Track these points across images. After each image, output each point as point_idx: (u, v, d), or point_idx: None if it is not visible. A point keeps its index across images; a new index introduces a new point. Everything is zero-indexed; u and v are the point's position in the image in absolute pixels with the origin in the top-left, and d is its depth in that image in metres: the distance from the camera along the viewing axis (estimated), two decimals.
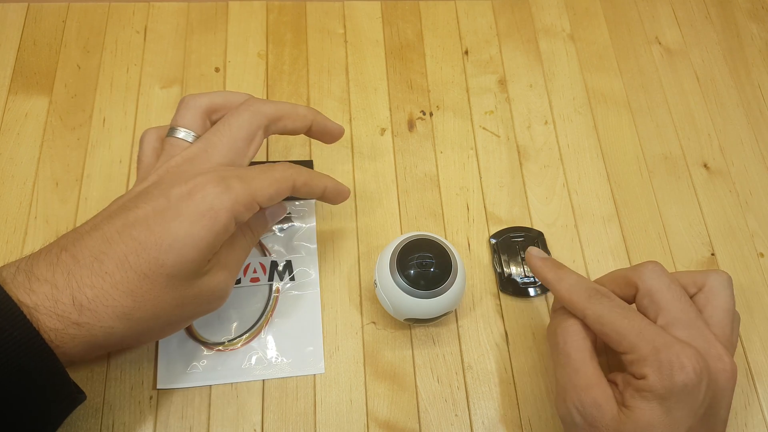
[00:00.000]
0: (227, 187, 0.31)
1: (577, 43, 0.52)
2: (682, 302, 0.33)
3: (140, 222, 0.30)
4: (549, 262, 0.37)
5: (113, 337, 0.30)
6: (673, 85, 0.51)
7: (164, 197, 0.31)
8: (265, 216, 0.37)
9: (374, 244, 0.43)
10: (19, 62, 0.47)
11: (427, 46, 0.51)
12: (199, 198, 0.31)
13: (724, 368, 0.31)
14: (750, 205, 0.47)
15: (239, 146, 0.34)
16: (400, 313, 0.38)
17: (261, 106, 0.35)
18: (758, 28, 0.54)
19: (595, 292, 0.34)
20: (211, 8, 0.51)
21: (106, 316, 0.29)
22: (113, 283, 0.29)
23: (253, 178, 0.33)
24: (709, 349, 0.32)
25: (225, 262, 0.33)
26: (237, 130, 0.34)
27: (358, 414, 0.38)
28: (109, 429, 0.37)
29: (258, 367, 0.39)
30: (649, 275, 0.34)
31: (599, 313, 0.33)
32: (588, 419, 0.32)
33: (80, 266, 0.29)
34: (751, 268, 0.44)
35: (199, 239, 0.30)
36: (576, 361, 0.33)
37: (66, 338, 0.29)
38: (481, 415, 0.38)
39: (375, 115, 0.48)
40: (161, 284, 0.30)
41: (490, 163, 0.47)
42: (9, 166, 0.43)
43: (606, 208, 0.46)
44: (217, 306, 0.34)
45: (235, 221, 0.32)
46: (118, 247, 0.30)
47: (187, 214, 0.30)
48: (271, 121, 0.35)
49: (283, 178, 0.34)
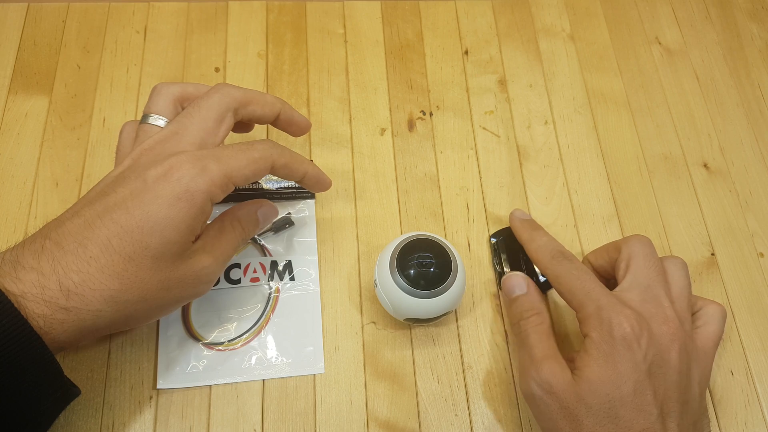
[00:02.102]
0: (203, 168, 0.32)
1: (577, 43, 0.52)
2: (650, 270, 0.36)
3: (119, 206, 0.31)
4: (527, 224, 0.42)
5: (102, 321, 0.30)
6: (673, 85, 0.51)
7: (140, 180, 0.31)
8: (256, 215, 0.38)
9: (374, 244, 0.43)
10: (19, 62, 0.47)
11: (427, 46, 0.51)
12: (175, 180, 0.31)
13: (668, 331, 0.34)
14: (750, 205, 0.47)
15: (210, 126, 0.34)
16: (400, 313, 0.38)
17: (230, 90, 0.35)
18: (758, 28, 0.54)
19: (558, 254, 0.38)
20: (211, 8, 0.51)
21: (93, 300, 0.30)
22: (99, 267, 0.30)
23: (230, 158, 0.33)
24: (657, 313, 0.34)
25: (210, 248, 0.34)
26: (207, 111, 0.34)
27: (358, 414, 0.38)
28: (109, 429, 0.37)
29: (258, 367, 0.39)
30: (633, 243, 0.37)
31: (557, 273, 0.37)
32: (546, 388, 0.34)
33: (65, 252, 0.30)
34: (751, 268, 0.44)
35: (179, 221, 0.31)
36: (533, 341, 0.36)
37: (55, 323, 0.29)
38: (481, 415, 0.38)
39: (375, 115, 0.48)
40: (146, 266, 0.31)
41: (490, 163, 0.47)
42: (9, 166, 0.43)
43: (606, 208, 0.46)
44: (203, 291, 0.35)
45: (211, 202, 0.32)
46: (100, 232, 0.30)
47: (164, 197, 0.31)
48: (240, 105, 0.36)
49: (262, 157, 0.34)
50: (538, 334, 0.37)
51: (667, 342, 0.33)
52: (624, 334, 0.33)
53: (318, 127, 0.47)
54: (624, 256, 0.37)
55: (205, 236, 0.34)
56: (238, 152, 0.33)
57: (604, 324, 0.33)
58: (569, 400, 0.33)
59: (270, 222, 0.39)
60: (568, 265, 0.37)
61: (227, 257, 0.35)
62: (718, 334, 0.37)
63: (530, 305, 0.38)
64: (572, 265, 0.37)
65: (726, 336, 0.42)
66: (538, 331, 0.37)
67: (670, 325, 0.34)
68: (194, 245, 0.33)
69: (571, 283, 0.36)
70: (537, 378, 0.34)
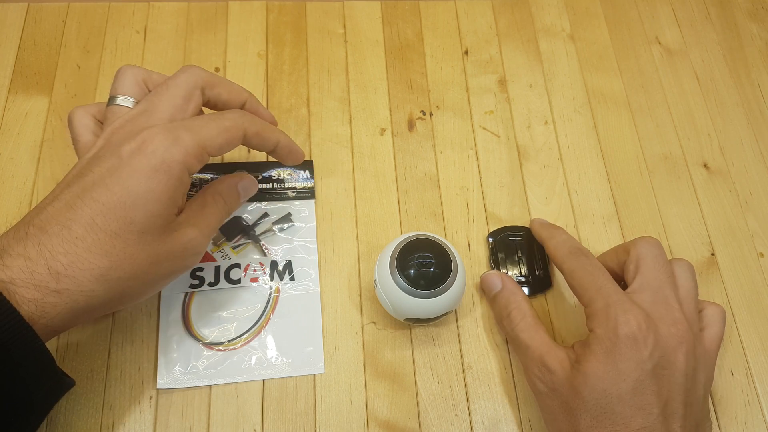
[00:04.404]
0: (176, 138, 0.32)
1: (577, 43, 0.52)
2: (659, 272, 0.36)
3: (98, 184, 0.31)
4: (547, 224, 0.42)
5: (95, 300, 0.30)
6: (673, 85, 0.51)
7: (115, 156, 0.31)
8: (237, 188, 0.38)
9: (374, 244, 0.43)
10: (19, 62, 0.47)
11: (427, 46, 0.51)
12: (150, 152, 0.31)
13: (676, 333, 0.34)
14: (750, 205, 0.47)
15: (178, 103, 0.34)
16: (400, 313, 0.38)
17: (197, 69, 0.36)
18: (758, 28, 0.54)
19: (575, 250, 0.38)
20: (211, 8, 0.51)
21: (85, 280, 0.30)
22: (86, 246, 0.30)
23: (202, 127, 0.33)
24: (666, 315, 0.34)
25: (195, 221, 0.34)
26: (175, 89, 0.35)
27: (358, 414, 0.38)
28: (109, 429, 0.37)
29: (258, 367, 0.39)
30: (642, 244, 0.37)
31: (573, 268, 0.37)
32: (548, 384, 0.34)
33: (49, 236, 0.30)
34: (751, 268, 0.44)
35: (159, 193, 0.31)
36: (525, 340, 0.36)
37: (47, 307, 0.29)
38: (481, 415, 0.38)
39: (375, 115, 0.48)
40: (133, 242, 0.31)
41: (490, 163, 0.47)
42: (9, 166, 0.43)
43: (606, 208, 0.46)
44: (192, 264, 0.35)
45: (188, 172, 0.33)
46: (82, 212, 0.30)
47: (141, 170, 0.31)
48: (207, 85, 0.36)
49: (234, 126, 0.34)
50: (525, 331, 0.37)
51: (675, 344, 0.33)
52: (629, 332, 0.33)
53: (318, 127, 0.47)
54: (633, 258, 0.37)
55: (188, 210, 0.34)
56: (210, 122, 0.34)
57: (611, 321, 0.33)
58: (567, 394, 0.33)
59: (250, 195, 0.39)
60: (583, 260, 0.37)
61: (212, 229, 0.35)
62: (720, 336, 0.37)
63: (506, 302, 0.39)
64: (587, 261, 0.37)
65: (726, 336, 0.42)
66: (524, 328, 0.37)
67: (678, 327, 0.34)
68: (178, 219, 0.33)
69: (583, 278, 0.36)
70: (539, 375, 0.35)
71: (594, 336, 0.34)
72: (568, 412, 0.33)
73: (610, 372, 0.32)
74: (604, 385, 0.32)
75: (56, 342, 0.38)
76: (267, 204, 0.43)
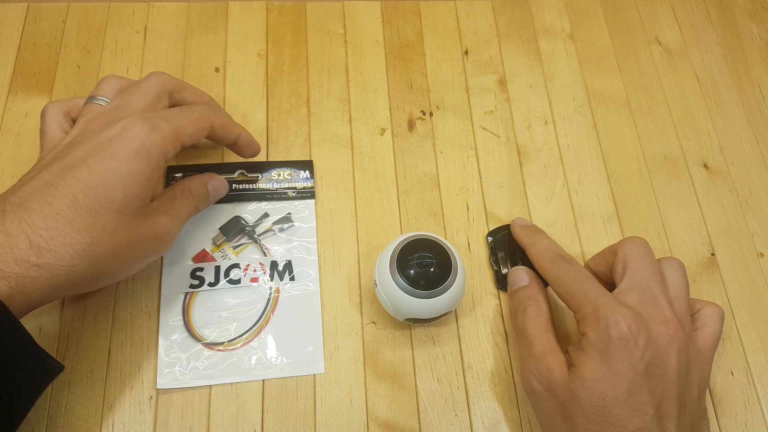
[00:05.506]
0: (154, 126, 0.34)
1: (577, 43, 0.52)
2: (647, 272, 0.36)
3: (79, 164, 0.32)
4: (528, 229, 0.42)
5: (75, 276, 0.31)
6: (673, 85, 0.51)
7: (96, 141, 0.33)
8: (206, 187, 0.39)
9: (374, 244, 0.43)
10: (19, 62, 0.47)
11: (427, 46, 0.51)
12: (131, 136, 0.33)
13: (666, 332, 0.34)
14: (750, 205, 0.47)
15: (149, 102, 0.37)
16: (400, 313, 0.38)
17: (165, 75, 0.39)
18: (758, 28, 0.54)
19: (558, 257, 0.38)
20: (211, 8, 0.51)
21: (66, 255, 0.30)
22: (67, 221, 0.31)
23: (175, 117, 0.36)
24: (655, 315, 0.34)
25: (166, 210, 0.36)
26: (146, 89, 0.37)
27: (358, 414, 0.38)
28: (109, 429, 0.37)
29: (258, 367, 0.39)
30: (629, 245, 0.37)
31: (557, 275, 0.37)
32: (544, 384, 0.34)
33: (29, 212, 0.30)
34: (751, 268, 0.44)
35: (139, 175, 0.33)
36: (532, 335, 0.36)
37: (27, 281, 0.29)
38: (481, 415, 0.38)
39: (375, 115, 0.48)
40: (113, 220, 0.32)
41: (490, 163, 0.47)
42: (9, 166, 0.43)
43: (606, 208, 0.46)
44: (164, 249, 0.37)
45: (164, 158, 0.35)
46: (64, 189, 0.31)
47: (122, 153, 0.33)
48: (175, 89, 0.39)
49: (202, 117, 0.37)
50: (536, 327, 0.37)
51: (666, 343, 0.33)
52: (621, 333, 0.33)
53: (318, 127, 0.47)
54: (620, 259, 0.37)
55: (159, 200, 0.36)
56: (181, 113, 0.37)
57: (601, 323, 0.33)
58: (564, 398, 0.33)
59: (220, 196, 0.41)
60: (566, 267, 0.37)
61: (182, 221, 0.37)
62: (717, 336, 0.37)
63: (527, 297, 0.38)
64: (571, 267, 0.37)
65: (726, 336, 0.42)
66: (536, 324, 0.37)
67: (668, 326, 0.34)
68: (152, 205, 0.35)
69: (569, 284, 0.36)
70: (537, 373, 0.35)
71: (587, 339, 0.34)
72: (564, 416, 0.33)
73: (606, 374, 0.32)
74: (601, 387, 0.32)
75: (56, 342, 0.38)
76: (267, 204, 0.43)
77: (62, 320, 0.39)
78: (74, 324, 0.39)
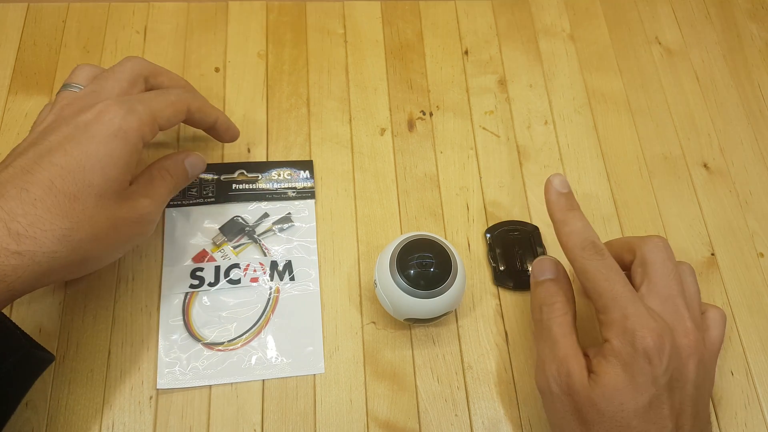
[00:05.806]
0: (130, 109, 0.34)
1: (577, 43, 0.52)
2: (668, 278, 0.35)
3: (56, 149, 0.32)
4: (563, 200, 0.37)
5: (57, 263, 0.31)
6: (673, 85, 0.51)
7: (72, 125, 0.33)
8: (183, 164, 0.39)
9: (374, 244, 0.43)
10: (19, 62, 0.47)
11: (427, 46, 0.51)
12: (108, 120, 0.33)
13: (688, 344, 0.33)
14: (750, 205, 0.47)
15: (124, 86, 0.36)
16: (400, 313, 0.38)
17: (141, 59, 0.38)
18: (758, 28, 0.54)
19: (590, 245, 0.35)
20: (211, 8, 0.51)
21: (46, 241, 0.30)
22: (45, 207, 0.30)
23: (151, 100, 0.36)
24: (678, 326, 0.33)
25: (145, 192, 0.35)
26: (120, 74, 0.37)
27: (358, 414, 0.38)
28: (109, 429, 0.37)
29: (258, 367, 0.39)
30: (650, 247, 0.35)
31: (586, 268, 0.34)
32: (563, 388, 0.33)
33: (6, 199, 0.30)
34: (751, 268, 0.44)
35: (117, 158, 0.33)
36: (556, 335, 0.35)
37: (8, 270, 0.29)
38: (481, 415, 0.38)
39: (375, 115, 0.48)
40: (92, 204, 0.32)
41: (490, 163, 0.47)
42: None
43: (606, 208, 0.46)
44: (148, 231, 0.36)
45: (142, 141, 0.34)
46: (41, 175, 0.31)
47: (99, 136, 0.32)
48: (151, 74, 0.38)
49: (179, 100, 0.37)
50: (561, 327, 0.35)
51: (686, 355, 0.33)
52: (646, 347, 0.31)
53: (318, 127, 0.47)
54: (639, 260, 0.35)
55: (137, 182, 0.36)
56: (158, 96, 0.37)
57: (628, 334, 0.32)
58: (582, 403, 0.32)
59: (199, 173, 0.40)
60: (598, 260, 0.34)
61: (163, 201, 0.37)
62: (721, 339, 0.36)
63: (555, 291, 0.36)
64: (602, 263, 0.34)
65: (726, 336, 0.42)
66: (561, 324, 0.35)
67: (690, 337, 0.33)
68: (130, 188, 0.35)
69: (598, 282, 0.34)
70: (557, 376, 0.33)
71: (610, 348, 0.32)
72: (581, 421, 0.32)
73: (627, 386, 0.32)
74: (621, 398, 0.31)
75: (56, 342, 0.38)
76: (267, 204, 0.43)
77: (62, 320, 0.39)
78: (74, 324, 0.39)
